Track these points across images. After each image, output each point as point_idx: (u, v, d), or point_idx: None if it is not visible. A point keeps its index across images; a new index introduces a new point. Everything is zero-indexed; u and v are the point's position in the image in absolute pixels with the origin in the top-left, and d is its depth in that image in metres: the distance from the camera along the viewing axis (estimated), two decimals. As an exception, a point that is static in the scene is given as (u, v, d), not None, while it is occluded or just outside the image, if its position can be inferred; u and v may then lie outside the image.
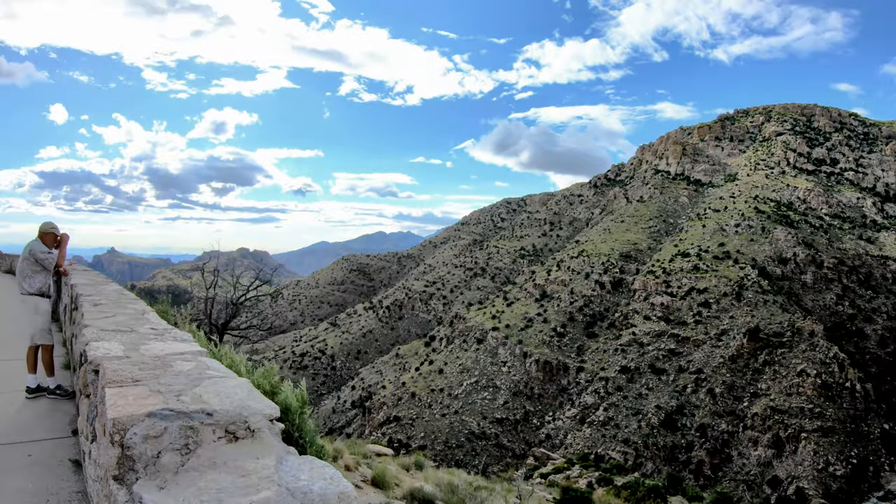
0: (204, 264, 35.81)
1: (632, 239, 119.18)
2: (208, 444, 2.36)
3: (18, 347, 11.78)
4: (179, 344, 4.41)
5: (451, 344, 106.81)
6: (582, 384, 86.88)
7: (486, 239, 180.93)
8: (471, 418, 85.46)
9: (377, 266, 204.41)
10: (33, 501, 4.91)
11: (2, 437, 6.50)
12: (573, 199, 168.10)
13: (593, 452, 68.00)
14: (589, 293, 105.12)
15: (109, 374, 3.13)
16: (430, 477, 15.70)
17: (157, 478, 2.20)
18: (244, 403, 2.66)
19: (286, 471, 2.20)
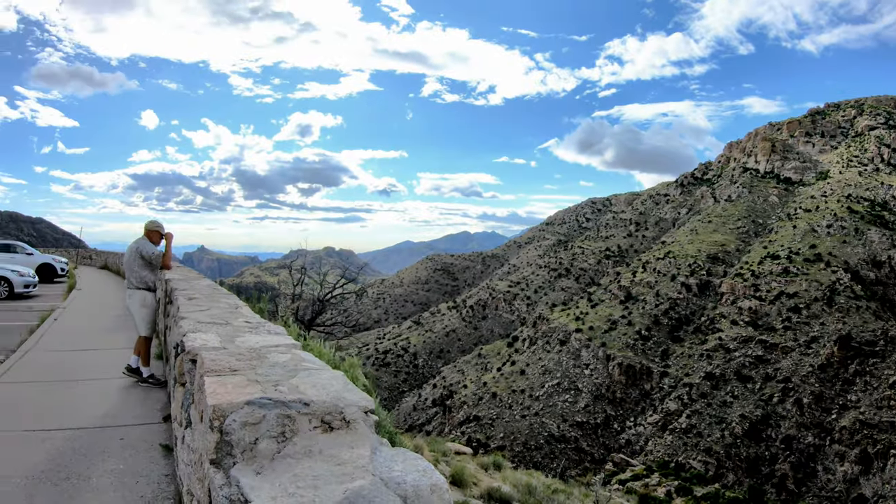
0: (291, 262, 37.11)
1: (719, 240, 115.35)
2: (304, 432, 2.44)
3: (112, 338, 13.30)
4: (273, 337, 4.50)
5: (534, 345, 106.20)
6: (665, 389, 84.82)
7: (571, 239, 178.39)
8: (551, 420, 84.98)
9: (461, 266, 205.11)
10: (124, 481, 5.19)
11: (97, 422, 6.94)
12: (659, 198, 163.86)
13: (674, 460, 66.46)
14: (675, 296, 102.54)
15: (208, 364, 3.22)
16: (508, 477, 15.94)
17: (253, 463, 2.27)
18: (340, 395, 2.72)
19: (380, 461, 2.24)
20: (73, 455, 5.72)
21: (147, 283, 9.02)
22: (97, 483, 5.10)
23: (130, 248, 9.20)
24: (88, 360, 10.74)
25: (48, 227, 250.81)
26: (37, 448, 5.92)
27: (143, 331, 8.92)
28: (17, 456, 5.67)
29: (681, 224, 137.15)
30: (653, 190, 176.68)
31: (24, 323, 15.52)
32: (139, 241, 9.15)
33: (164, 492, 4.96)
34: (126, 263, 9.18)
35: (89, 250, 61.38)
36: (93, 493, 4.92)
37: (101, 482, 5.12)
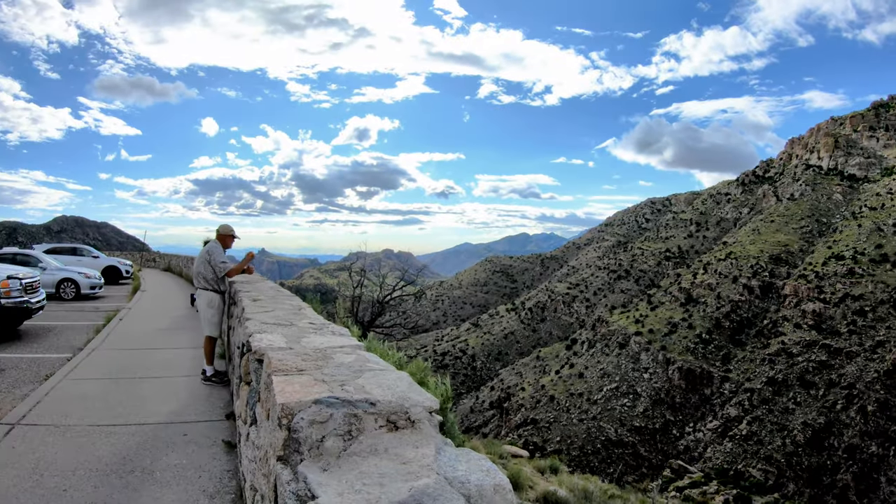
0: (351, 264, 37.89)
1: (782, 240, 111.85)
2: (370, 431, 2.48)
3: (176, 338, 13.87)
4: (338, 338, 4.58)
5: (593, 348, 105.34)
6: (726, 395, 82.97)
7: (631, 240, 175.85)
8: (609, 425, 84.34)
9: (520, 267, 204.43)
10: (186, 476, 5.36)
11: (161, 418, 7.18)
12: (720, 197, 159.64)
13: (733, 468, 65.44)
14: (736, 298, 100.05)
15: (275, 364, 3.29)
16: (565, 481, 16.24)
17: (320, 460, 2.31)
18: (405, 395, 2.75)
19: (444, 461, 2.26)
20: (137, 449, 5.99)
21: (214, 285, 9.25)
22: (160, 477, 5.33)
23: (202, 250, 9.48)
24: (153, 359, 11.18)
25: (113, 230, 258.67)
26: (103, 442, 6.17)
27: (209, 330, 9.15)
28: (83, 449, 5.94)
29: (742, 224, 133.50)
30: (713, 189, 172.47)
31: (90, 323, 16.24)
32: (211, 244, 9.44)
33: (226, 486, 5.16)
34: (196, 264, 9.50)
35: (153, 253, 63.16)
36: (156, 485, 5.15)
37: (165, 476, 5.35)
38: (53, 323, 16.27)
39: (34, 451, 5.81)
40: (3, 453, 5.79)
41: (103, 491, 4.94)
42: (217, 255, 9.29)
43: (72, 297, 23.71)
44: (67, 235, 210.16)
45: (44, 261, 24.67)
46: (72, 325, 16.17)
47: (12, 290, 12.98)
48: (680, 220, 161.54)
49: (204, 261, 9.23)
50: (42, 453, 5.77)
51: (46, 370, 9.84)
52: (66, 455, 5.71)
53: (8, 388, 8.65)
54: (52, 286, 22.87)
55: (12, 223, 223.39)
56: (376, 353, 5.24)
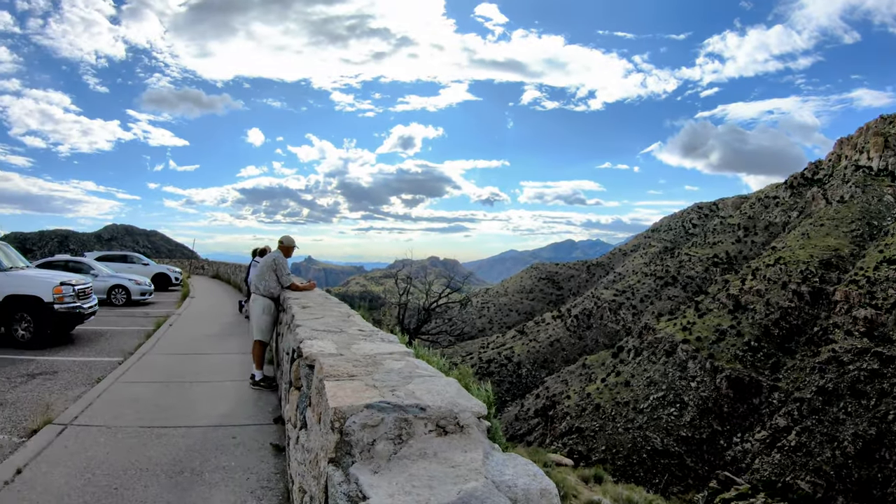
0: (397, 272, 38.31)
1: (832, 244, 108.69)
2: (419, 435, 2.52)
3: (224, 343, 14.29)
4: (387, 344, 4.68)
5: (640, 356, 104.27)
6: (774, 404, 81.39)
7: (677, 246, 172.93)
8: (655, 434, 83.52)
9: (566, 274, 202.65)
10: (234, 477, 5.51)
11: (210, 421, 7.38)
12: (768, 201, 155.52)
13: (781, 480, 64.34)
14: (786, 304, 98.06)
15: (327, 369, 3.36)
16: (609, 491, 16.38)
17: (371, 463, 2.36)
18: (454, 401, 2.79)
19: (492, 465, 2.29)
20: (187, 451, 6.17)
21: (272, 293, 9.48)
22: (209, 478, 5.47)
23: (268, 257, 9.86)
24: (202, 363, 11.52)
25: (162, 238, 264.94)
26: (153, 443, 6.40)
27: (259, 336, 9.40)
28: (134, 450, 6.16)
29: (791, 228, 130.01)
30: (761, 192, 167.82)
31: (140, 328, 16.88)
32: (277, 254, 9.81)
33: (273, 488, 5.28)
34: (258, 270, 9.73)
35: (201, 260, 64.84)
36: (205, 486, 5.29)
37: (214, 477, 5.50)
38: (105, 328, 16.77)
39: (86, 451, 6.06)
40: (56, 452, 6.05)
41: (153, 490, 5.15)
42: (284, 265, 9.69)
43: (123, 302, 24.57)
44: (118, 243, 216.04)
45: (95, 268, 25.54)
46: (123, 329, 16.66)
47: (65, 296, 13.52)
48: (727, 224, 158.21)
49: (270, 269, 9.52)
50: (94, 453, 6.01)
51: (98, 373, 10.30)
52: (116, 455, 5.95)
53: (61, 390, 9.00)
54: (103, 292, 23.66)
55: (64, 231, 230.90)
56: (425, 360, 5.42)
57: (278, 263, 9.59)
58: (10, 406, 8.14)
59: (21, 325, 13.11)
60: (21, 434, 6.81)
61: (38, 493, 5.02)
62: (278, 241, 10.15)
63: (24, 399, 8.49)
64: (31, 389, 9.09)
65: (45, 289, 13.32)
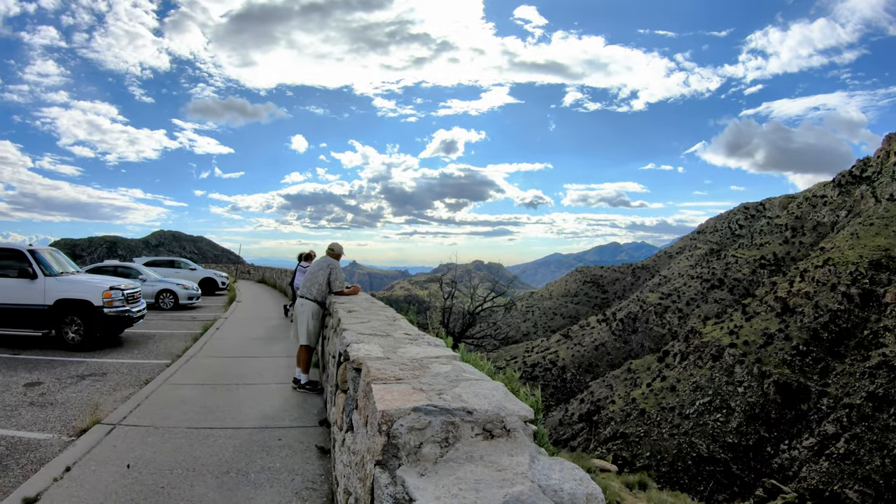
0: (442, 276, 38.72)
1: (883, 244, 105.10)
2: (466, 439, 2.51)
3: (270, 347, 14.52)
4: (433, 348, 4.64)
5: (686, 360, 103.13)
6: (823, 411, 79.50)
7: (724, 248, 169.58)
8: (700, 440, 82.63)
9: (611, 278, 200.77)
10: (279, 478, 5.58)
11: (256, 423, 7.51)
12: (816, 200, 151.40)
13: (828, 489, 63.17)
14: (835, 307, 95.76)
15: (374, 373, 3.37)
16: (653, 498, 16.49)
17: (417, 465, 2.35)
18: (501, 404, 2.77)
19: (538, 469, 2.27)
20: (233, 452, 6.28)
21: (321, 297, 9.57)
22: (255, 478, 5.56)
23: (320, 262, 9.91)
24: (248, 367, 11.64)
25: (208, 244, 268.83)
26: (200, 444, 6.52)
27: (306, 339, 9.45)
28: (181, 450, 6.30)
29: (840, 228, 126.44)
30: (809, 192, 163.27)
31: (188, 331, 17.12)
32: (331, 260, 9.92)
33: (318, 489, 5.33)
34: (310, 274, 9.77)
35: (247, 265, 65.84)
36: (250, 486, 5.37)
37: (259, 478, 5.58)
38: (153, 331, 17.30)
39: (133, 450, 6.26)
40: (105, 451, 6.23)
41: (199, 490, 5.25)
42: (340, 271, 9.85)
43: (170, 306, 25.26)
44: (165, 249, 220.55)
45: (143, 272, 26.41)
46: (170, 333, 17.12)
47: (114, 300, 14.10)
48: (774, 225, 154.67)
49: (325, 273, 9.64)
50: (141, 452, 6.20)
51: (146, 375, 10.67)
52: (163, 455, 6.13)
53: (110, 391, 9.34)
54: (151, 296, 24.38)
55: (112, 238, 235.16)
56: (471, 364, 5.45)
57: (334, 268, 9.75)
58: (61, 406, 8.44)
59: (71, 328, 13.64)
60: (71, 433, 7.12)
61: (87, 491, 5.18)
62: (328, 247, 10.28)
63: (73, 399, 8.83)
64: (80, 390, 9.46)
65: (95, 293, 13.85)
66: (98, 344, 13.98)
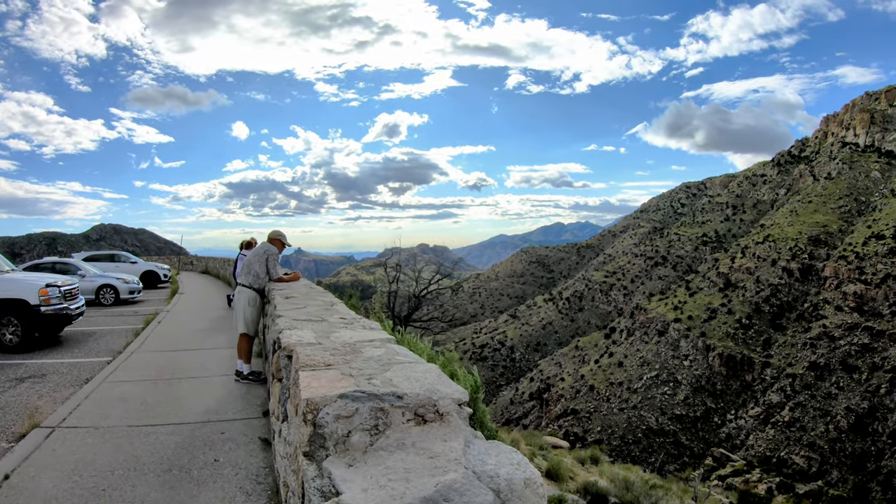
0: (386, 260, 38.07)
1: (821, 221, 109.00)
2: (397, 425, 2.43)
3: (214, 338, 14.12)
4: (368, 332, 4.52)
5: (632, 336, 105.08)
6: (767, 381, 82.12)
7: (667, 226, 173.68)
8: (649, 413, 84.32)
9: (556, 257, 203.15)
10: (223, 473, 5.40)
11: (199, 417, 7.26)
12: (756, 179, 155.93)
13: (775, 456, 65.01)
14: (776, 281, 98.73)
15: (303, 359, 3.25)
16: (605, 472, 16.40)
17: (346, 456, 2.27)
18: (433, 387, 2.68)
19: (473, 454, 2.20)
20: (175, 448, 6.07)
21: (257, 285, 9.38)
22: (198, 475, 5.39)
23: (257, 248, 9.71)
24: (191, 360, 11.34)
25: (150, 236, 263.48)
26: (141, 442, 6.29)
27: (245, 328, 9.24)
28: (121, 449, 6.04)
29: (780, 205, 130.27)
30: (749, 171, 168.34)
31: (129, 327, 16.60)
32: (269, 246, 9.66)
33: (262, 483, 5.18)
34: (246, 262, 9.60)
35: (190, 256, 64.38)
36: (193, 484, 5.20)
37: (202, 474, 5.41)
38: (93, 328, 16.52)
39: (74, 453, 5.99)
40: (44, 456, 5.98)
41: (141, 490, 5.06)
42: (276, 258, 9.63)
43: (111, 302, 24.30)
44: (106, 243, 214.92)
45: (83, 268, 25.17)
46: (111, 329, 16.46)
47: (52, 298, 13.36)
48: (716, 203, 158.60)
49: (261, 260, 9.43)
50: (81, 455, 5.94)
51: (86, 374, 10.16)
52: (104, 456, 5.87)
53: (49, 393, 8.91)
54: (91, 292, 23.45)
55: (52, 234, 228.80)
56: (408, 347, 5.37)
57: (270, 255, 9.54)
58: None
59: (8, 329, 12.95)
60: (9, 439, 6.80)
61: (26, 499, 4.98)
62: (269, 235, 10.04)
63: (12, 403, 8.42)
64: (19, 394, 9.05)
65: (31, 291, 13.20)
66: (37, 344, 13.36)
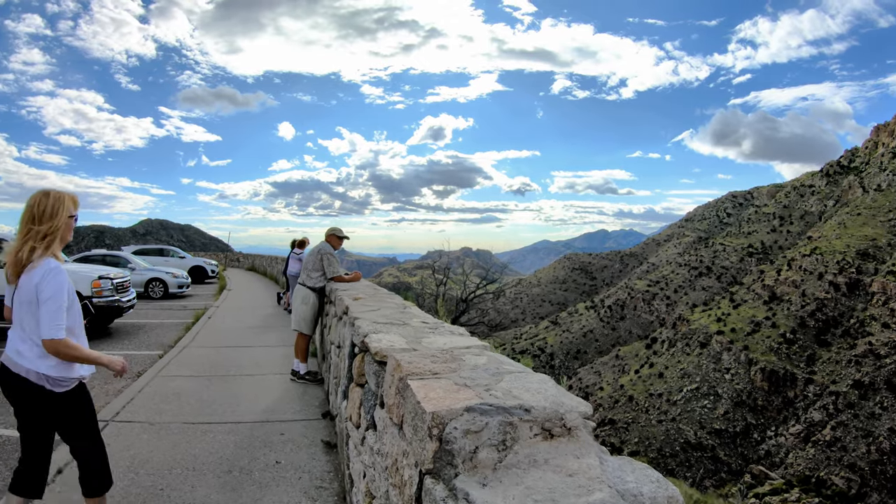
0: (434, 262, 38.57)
1: (870, 234, 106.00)
2: (524, 440, 2.18)
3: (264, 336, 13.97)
4: (458, 338, 4.15)
5: (673, 347, 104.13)
6: (809, 398, 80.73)
7: (712, 236, 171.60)
8: (688, 427, 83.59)
9: (599, 265, 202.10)
10: (285, 476, 5.26)
11: (256, 416, 7.11)
12: (803, 190, 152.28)
13: (815, 475, 64.02)
14: (822, 296, 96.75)
15: (406, 367, 3.01)
16: None
17: (475, 474, 2.05)
18: (558, 400, 2.39)
19: (610, 471, 2.00)
20: (234, 448, 5.91)
21: (315, 284, 9.29)
22: (259, 477, 5.24)
23: (314, 248, 9.60)
24: (244, 357, 11.12)
25: (196, 232, 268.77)
26: (198, 440, 6.13)
27: (302, 328, 9.22)
28: (178, 447, 5.92)
29: (827, 217, 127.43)
30: (797, 181, 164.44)
31: (179, 321, 16.55)
32: (324, 245, 9.50)
33: (328, 489, 5.02)
34: (306, 261, 9.50)
35: (236, 253, 65.28)
36: (255, 486, 5.06)
37: (264, 476, 5.27)
38: (143, 321, 16.59)
39: (128, 449, 5.84)
40: None
41: (201, 491, 4.93)
42: (332, 256, 9.45)
43: (160, 295, 24.49)
44: (153, 237, 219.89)
45: (133, 261, 25.58)
46: (160, 323, 16.48)
47: (104, 290, 13.45)
48: (762, 214, 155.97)
49: (316, 259, 9.31)
50: (137, 451, 5.80)
51: (138, 367, 10.03)
52: (161, 453, 5.74)
53: (101, 385, 8.70)
54: (141, 286, 23.57)
55: (100, 227, 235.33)
56: None
57: (325, 253, 9.34)
58: None
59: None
60: None
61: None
62: (326, 231, 9.80)
63: None
64: None
65: (84, 283, 13.21)
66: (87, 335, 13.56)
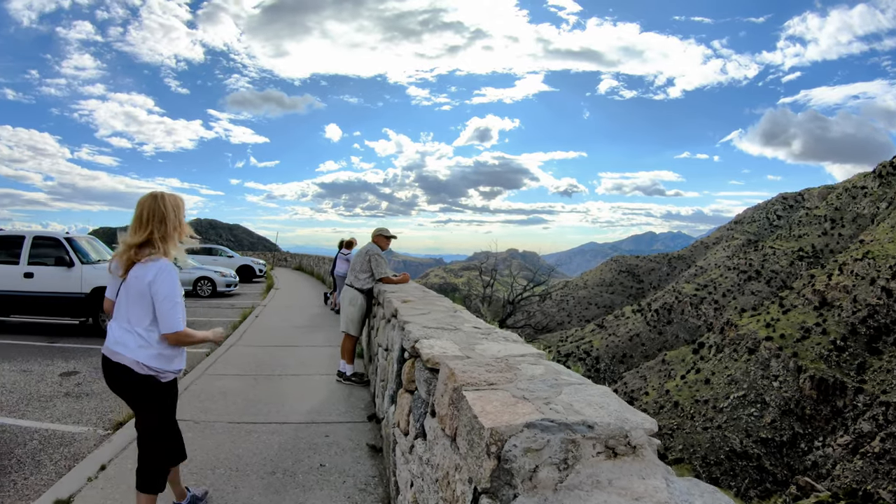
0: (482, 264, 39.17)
1: None
2: (587, 459, 2.06)
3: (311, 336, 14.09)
4: (513, 345, 3.94)
5: (721, 352, 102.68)
6: (859, 408, 78.86)
7: (761, 238, 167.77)
8: (734, 435, 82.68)
9: (646, 267, 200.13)
10: (330, 480, 5.21)
11: (301, 417, 7.06)
12: (856, 191, 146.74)
13: (862, 489, 63.05)
14: (874, 302, 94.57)
15: (460, 376, 2.85)
16: None
17: (535, 494, 1.92)
18: (622, 416, 2.29)
19: (678, 495, 1.80)
20: (278, 450, 5.88)
21: (362, 286, 9.25)
22: (303, 480, 5.21)
23: (361, 249, 9.61)
24: (290, 357, 11.12)
25: (244, 232, 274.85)
26: (243, 440, 6.13)
27: (349, 329, 9.23)
28: (222, 447, 5.92)
29: (881, 220, 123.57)
30: (848, 182, 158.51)
31: (226, 319, 16.72)
32: (371, 246, 9.46)
33: (372, 494, 4.96)
34: (354, 262, 9.46)
35: (284, 253, 66.17)
36: (299, 489, 5.02)
37: (308, 479, 5.22)
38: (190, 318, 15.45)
39: None
40: None
41: (244, 492, 4.92)
42: (380, 257, 9.38)
43: (208, 294, 24.78)
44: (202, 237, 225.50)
45: (181, 260, 27.26)
46: (208, 321, 16.55)
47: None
48: (813, 216, 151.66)
49: (363, 260, 9.28)
50: None
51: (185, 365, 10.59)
52: (205, 453, 5.74)
53: None
54: (189, 284, 24.18)
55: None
56: None
57: (372, 254, 9.30)
58: (97, 397, 8.08)
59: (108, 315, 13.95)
60: (107, 426, 6.79)
61: (122, 493, 4.80)
62: (374, 232, 9.81)
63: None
64: None
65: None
66: None
